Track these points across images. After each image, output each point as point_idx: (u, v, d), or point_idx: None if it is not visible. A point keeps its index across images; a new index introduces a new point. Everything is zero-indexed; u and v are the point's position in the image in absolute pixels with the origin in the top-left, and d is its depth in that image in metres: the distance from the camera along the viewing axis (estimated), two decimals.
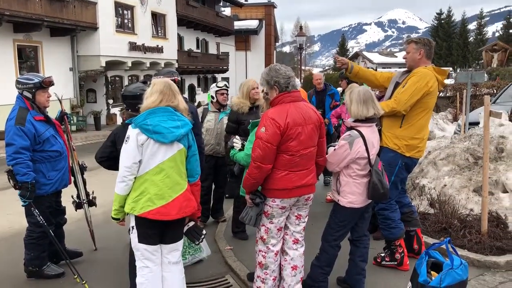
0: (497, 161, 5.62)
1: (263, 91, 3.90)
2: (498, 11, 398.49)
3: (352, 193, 3.61)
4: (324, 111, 7.60)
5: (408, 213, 4.45)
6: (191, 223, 3.43)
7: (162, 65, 24.94)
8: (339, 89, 7.91)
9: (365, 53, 79.13)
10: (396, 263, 4.26)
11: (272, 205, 3.41)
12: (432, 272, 3.60)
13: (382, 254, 4.37)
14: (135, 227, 3.20)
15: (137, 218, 3.16)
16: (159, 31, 25.78)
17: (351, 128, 3.64)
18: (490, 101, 9.94)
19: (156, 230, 3.20)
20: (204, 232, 3.53)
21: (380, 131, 4.08)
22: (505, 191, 5.26)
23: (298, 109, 3.34)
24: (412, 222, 4.44)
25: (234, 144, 3.88)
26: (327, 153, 3.69)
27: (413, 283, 3.32)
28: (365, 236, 3.87)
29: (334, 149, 3.64)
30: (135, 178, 3.15)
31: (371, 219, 4.35)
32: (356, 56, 74.29)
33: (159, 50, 24.42)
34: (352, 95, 3.67)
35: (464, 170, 5.74)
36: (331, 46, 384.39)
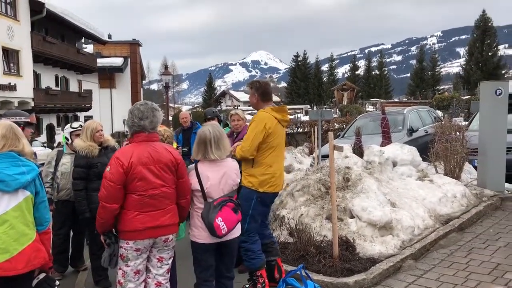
0: (345, 189, 6.22)
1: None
2: (346, 54, 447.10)
3: (195, 227, 3.68)
4: (190, 149, 7.70)
5: (269, 243, 4.66)
6: (42, 275, 3.18)
7: (16, 104, 22.98)
8: None
9: (231, 91, 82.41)
10: None
11: (126, 247, 3.34)
12: None
13: (247, 286, 4.50)
14: None
15: None
16: (12, 68, 23.85)
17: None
18: (339, 135, 11.06)
19: None
20: (57, 283, 3.29)
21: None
22: (352, 217, 5.82)
23: (147, 148, 3.36)
24: (272, 252, 4.66)
25: None
26: None
27: None
28: (225, 277, 3.88)
29: None
30: None
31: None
32: (223, 94, 76.89)
33: (11, 88, 22.51)
34: (198, 133, 3.78)
35: (317, 199, 6.24)
36: (199, 85, 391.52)
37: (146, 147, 3.36)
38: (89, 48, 42.36)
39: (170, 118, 31.17)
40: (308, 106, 53.83)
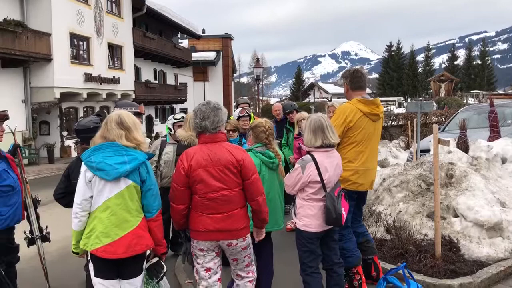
0: (448, 186, 5.85)
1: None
2: (443, 43, 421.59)
3: (306, 216, 3.69)
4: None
5: (364, 242, 4.49)
6: (155, 259, 3.33)
7: (119, 96, 24.67)
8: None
9: (320, 83, 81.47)
10: None
11: (193, 245, 3.43)
12: None
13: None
14: (91, 261, 3.14)
15: (91, 253, 3.10)
16: (116, 62, 25.59)
17: (307, 153, 3.76)
18: (439, 129, 10.44)
19: (110, 265, 3.11)
20: (165, 269, 3.44)
21: None
22: (456, 216, 5.46)
23: (207, 151, 3.27)
24: (368, 250, 4.50)
25: None
26: None
27: None
28: (336, 264, 3.90)
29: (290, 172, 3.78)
30: (89, 213, 3.09)
31: None
32: (311, 86, 76.30)
33: (115, 81, 24.19)
34: (306, 123, 3.82)
35: (417, 196, 5.94)
36: (287, 77, 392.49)
37: (207, 148, 3.29)
38: (184, 43, 44.19)
39: (259, 111, 31.60)
40: (402, 98, 51.63)
